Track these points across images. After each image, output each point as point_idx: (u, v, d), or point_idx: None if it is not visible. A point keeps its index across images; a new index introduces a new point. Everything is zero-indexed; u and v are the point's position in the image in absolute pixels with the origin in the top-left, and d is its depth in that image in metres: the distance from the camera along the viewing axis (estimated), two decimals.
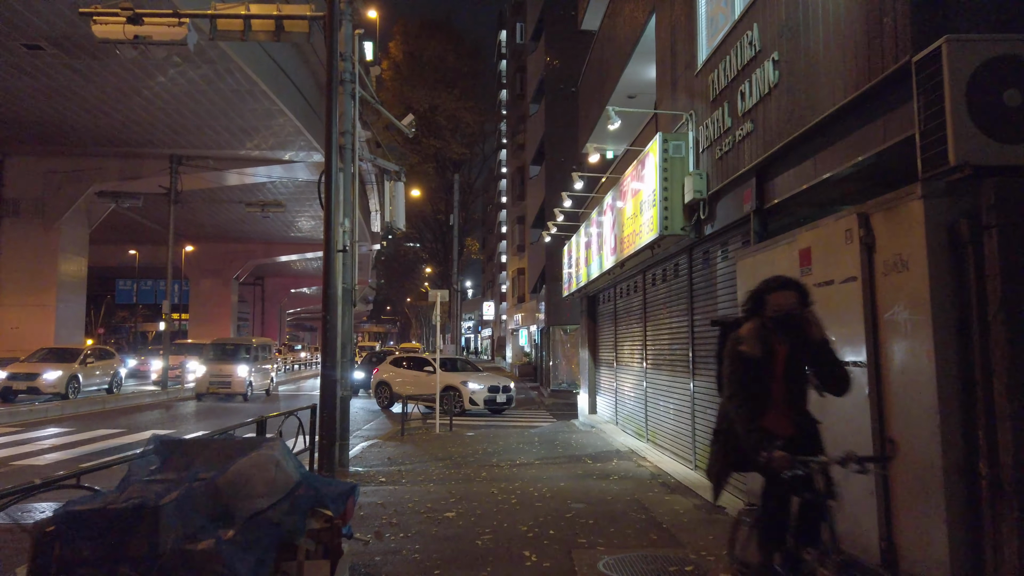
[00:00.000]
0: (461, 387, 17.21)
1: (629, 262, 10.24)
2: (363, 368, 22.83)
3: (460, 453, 11.13)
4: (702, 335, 8.46)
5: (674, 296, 9.59)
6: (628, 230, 9.63)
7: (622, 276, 11.98)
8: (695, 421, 8.63)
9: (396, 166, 10.88)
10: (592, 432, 13.25)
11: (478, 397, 17.14)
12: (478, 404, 17.10)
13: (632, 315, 12.04)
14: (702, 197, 7.71)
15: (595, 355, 15.53)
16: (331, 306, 8.72)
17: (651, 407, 10.78)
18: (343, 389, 9.45)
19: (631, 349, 12.15)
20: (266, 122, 24.90)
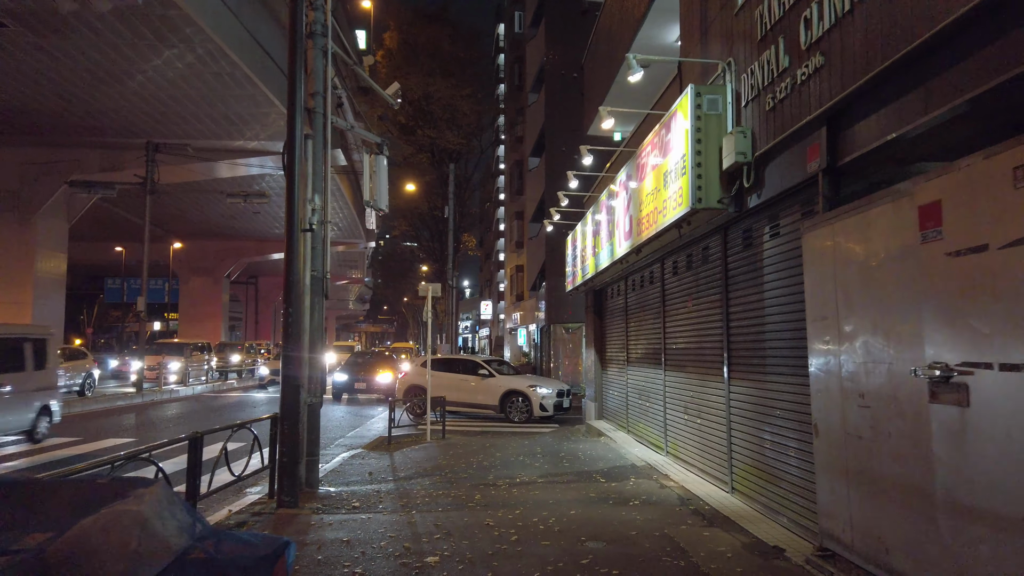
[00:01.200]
0: (530, 392, 15.20)
1: (647, 247, 8.72)
2: (347, 371, 21.23)
3: (452, 467, 9.60)
4: (742, 330, 6.94)
5: (703, 285, 8.06)
6: (647, 208, 8.10)
7: (636, 265, 10.46)
8: (732, 433, 7.11)
9: (378, 138, 9.34)
10: (601, 442, 11.72)
11: (548, 402, 15.20)
12: (548, 410, 15.19)
13: (647, 309, 10.52)
14: (746, 161, 6.19)
15: (602, 355, 14.01)
16: (294, 296, 7.18)
17: (672, 414, 9.25)
18: (311, 395, 7.91)
19: (646, 348, 10.63)
20: (252, 110, 23.34)
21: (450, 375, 16.25)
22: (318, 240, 8.14)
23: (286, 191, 7.30)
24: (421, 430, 13.54)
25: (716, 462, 7.56)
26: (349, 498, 7.54)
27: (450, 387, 15.91)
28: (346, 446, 12.72)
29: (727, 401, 7.22)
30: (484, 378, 15.93)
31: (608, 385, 13.54)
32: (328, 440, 13.47)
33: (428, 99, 25.22)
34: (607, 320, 13.62)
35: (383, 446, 12.44)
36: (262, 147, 26.61)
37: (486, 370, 16.04)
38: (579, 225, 13.48)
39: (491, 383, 15.69)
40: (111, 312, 67.67)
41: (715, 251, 7.66)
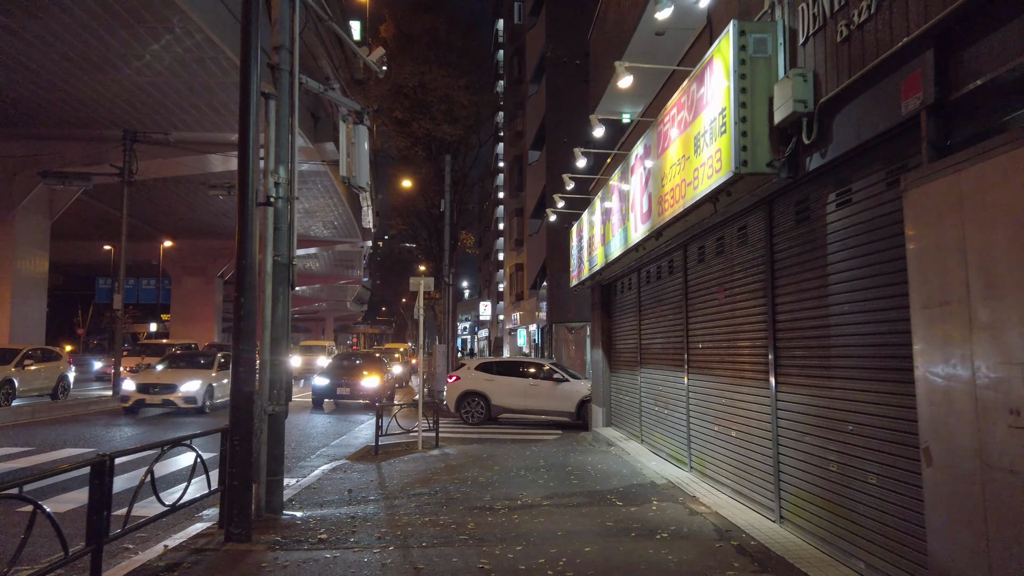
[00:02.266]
0: None
1: (670, 230, 7.40)
2: (328, 375, 18.88)
3: (444, 484, 8.28)
4: (794, 325, 5.62)
5: (740, 273, 6.75)
6: (673, 182, 6.79)
7: (654, 253, 9.14)
8: (781, 450, 5.79)
9: (357, 104, 8.02)
10: (611, 453, 10.39)
11: None
12: None
13: (666, 304, 9.20)
14: (806, 111, 4.88)
15: (610, 356, 12.68)
16: (246, 284, 5.84)
17: (698, 424, 7.93)
18: (273, 402, 6.59)
19: (663, 348, 9.31)
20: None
21: (512, 379, 14.86)
22: (283, 220, 6.83)
23: (238, 155, 5.98)
24: (413, 438, 12.22)
25: (758, 484, 6.24)
26: (317, 527, 6.21)
27: (514, 393, 14.75)
28: (329, 456, 11.40)
29: (773, 411, 5.90)
30: (558, 383, 14.60)
31: (618, 389, 12.22)
32: (310, 450, 12.15)
33: (423, 88, 23.88)
34: (616, 317, 12.30)
35: (369, 456, 11.13)
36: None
37: (560, 374, 14.74)
38: (585, 213, 12.16)
39: (566, 388, 14.47)
40: (105, 313, 66.27)
41: (757, 230, 6.34)
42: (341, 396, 18.25)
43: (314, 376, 19.25)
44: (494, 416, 15.26)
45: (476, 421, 15.10)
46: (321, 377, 18.66)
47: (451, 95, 24.30)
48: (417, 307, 12.21)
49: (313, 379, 19.05)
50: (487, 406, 15.07)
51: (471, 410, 15.16)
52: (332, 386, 18.11)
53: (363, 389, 18.08)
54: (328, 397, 18.35)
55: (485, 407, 15.09)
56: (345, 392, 18.09)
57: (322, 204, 36.51)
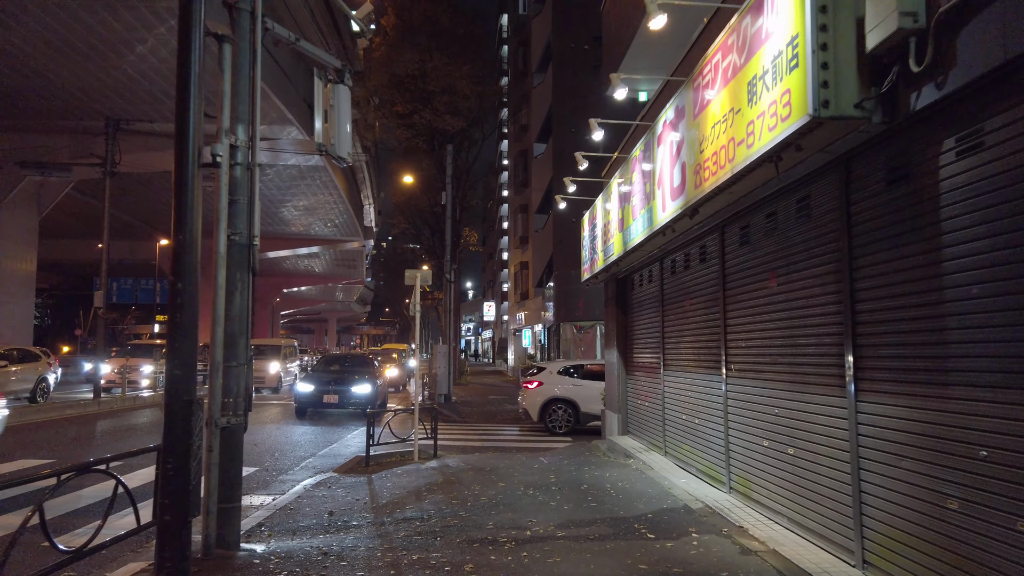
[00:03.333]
0: None
1: (709, 205, 6.12)
2: (313, 380, 16.61)
3: (440, 504, 7.04)
4: (882, 318, 4.35)
5: (800, 255, 5.46)
6: (716, 145, 5.52)
7: (683, 238, 7.86)
8: (863, 475, 4.51)
9: (337, 62, 6.77)
10: (631, 467, 9.10)
11: None
12: None
13: (697, 297, 7.92)
14: (915, 27, 3.61)
15: (626, 357, 11.40)
16: (185, 266, 4.61)
17: (739, 438, 6.65)
18: (229, 413, 5.33)
19: (694, 347, 8.03)
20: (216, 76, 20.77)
21: (603, 384, 13.35)
22: (242, 191, 5.58)
23: (176, 99, 4.74)
24: (409, 447, 10.96)
25: (829, 517, 4.95)
26: (278, 568, 4.95)
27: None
28: (315, 469, 10.16)
29: (851, 426, 4.62)
30: None
31: (635, 394, 10.93)
32: (294, 460, 10.91)
33: (425, 78, 22.65)
34: (634, 314, 11.02)
35: (359, 468, 9.90)
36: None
37: None
38: (599, 199, 10.89)
39: None
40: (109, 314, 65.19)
41: (826, 200, 5.06)
42: (328, 405, 16.32)
43: (296, 381, 17.15)
44: (583, 425, 13.99)
45: (564, 431, 13.95)
46: (305, 383, 16.55)
47: (454, 85, 23.07)
48: (412, 303, 10.97)
49: (296, 385, 16.89)
50: (575, 414, 13.92)
51: (557, 419, 13.99)
52: (317, 393, 16.12)
53: (354, 397, 16.18)
54: (313, 406, 16.40)
55: (573, 415, 13.94)
56: (333, 400, 16.16)
57: (321, 201, 35.31)
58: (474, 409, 18.92)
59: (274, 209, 36.37)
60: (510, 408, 19.14)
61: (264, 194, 33.79)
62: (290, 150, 24.71)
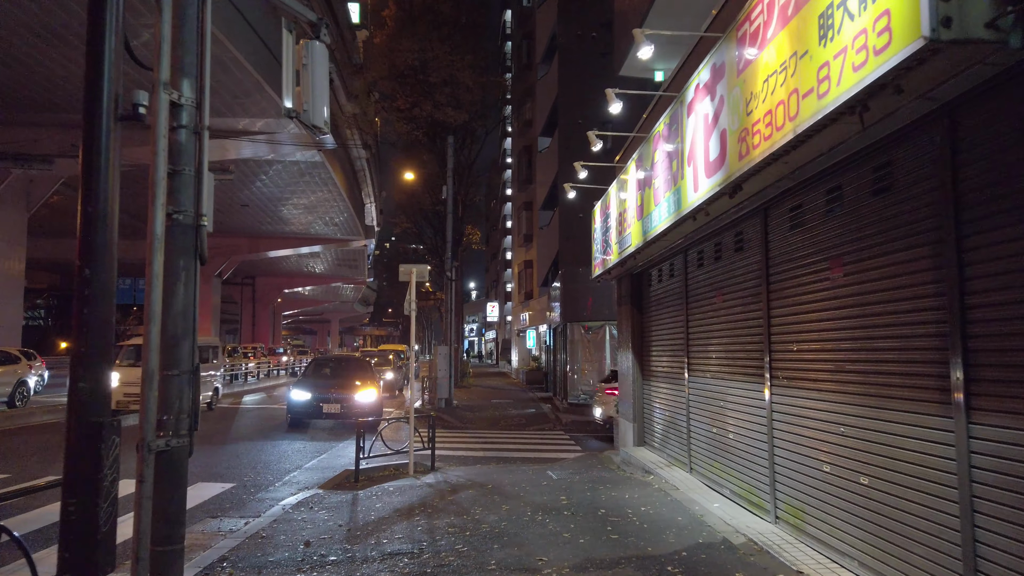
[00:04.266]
0: None
1: (756, 179, 5.04)
2: (308, 385, 14.62)
3: (434, 533, 5.98)
4: (1011, 314, 3.26)
5: (878, 236, 4.37)
6: (770, 102, 4.45)
7: (716, 224, 6.76)
8: (978, 520, 3.42)
9: (313, 14, 5.69)
10: (652, 486, 8.00)
11: None
12: None
13: (731, 292, 6.83)
14: None
15: (643, 360, 10.31)
16: (95, 246, 3.57)
17: (789, 457, 5.55)
18: (167, 434, 4.26)
19: (727, 350, 6.93)
20: (218, 77, 19.76)
21: None
22: (186, 159, 4.51)
23: (88, 27, 3.68)
24: (403, 459, 9.90)
25: (926, 569, 3.85)
26: None
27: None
28: (299, 484, 9.09)
29: (961, 454, 3.53)
30: None
31: (653, 401, 9.84)
32: (278, 474, 9.85)
33: (425, 68, 21.59)
34: (652, 313, 9.93)
35: (348, 484, 8.85)
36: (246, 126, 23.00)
37: None
38: (612, 187, 9.81)
39: None
40: None
41: (919, 165, 3.97)
42: (329, 416, 14.15)
43: (290, 389, 14.74)
44: None
45: None
46: (300, 390, 14.41)
47: (455, 76, 22.00)
48: (408, 300, 9.90)
49: (289, 393, 14.66)
50: None
51: None
52: (315, 403, 14.08)
53: (357, 406, 14.03)
54: (310, 417, 14.37)
55: None
56: (334, 410, 14.02)
57: (321, 199, 34.29)
58: (476, 414, 17.85)
59: (273, 207, 35.38)
60: (514, 413, 18.07)
61: (263, 192, 32.79)
62: (288, 143, 23.67)
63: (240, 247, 40.59)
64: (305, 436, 13.56)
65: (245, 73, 18.41)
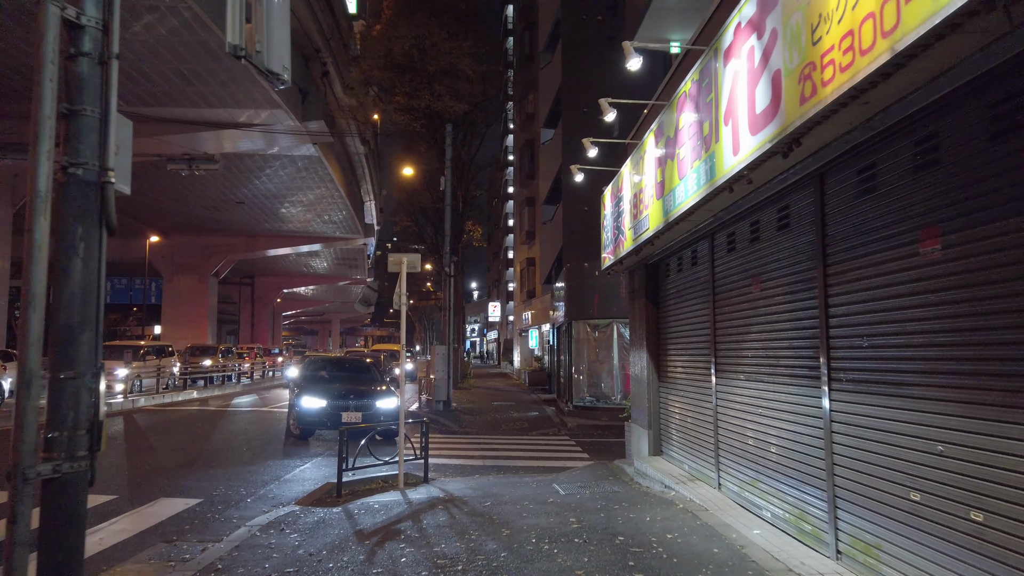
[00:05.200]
0: None
1: (820, 131, 3.94)
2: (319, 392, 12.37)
3: (418, 568, 4.88)
4: None
5: (1009, 189, 3.27)
6: (852, 19, 3.36)
7: (755, 197, 5.64)
8: None
9: None
10: (674, 504, 6.89)
11: None
12: None
13: (774, 277, 5.71)
14: None
15: (659, 359, 9.21)
16: None
17: (857, 479, 4.44)
18: (57, 455, 3.19)
19: (768, 347, 5.83)
20: (209, 65, 18.72)
21: None
22: (90, 96, 3.44)
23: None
24: (392, 470, 8.82)
25: None
26: None
27: None
28: (274, 500, 8.02)
29: None
30: None
31: (671, 406, 8.74)
32: (256, 485, 8.77)
33: (424, 55, 20.52)
34: (669, 307, 8.83)
35: (328, 500, 7.78)
36: (230, 116, 21.94)
37: None
38: (626, 166, 8.71)
39: None
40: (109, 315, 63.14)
41: None
42: (350, 424, 11.27)
43: (299, 395, 12.41)
44: None
45: None
46: (311, 396, 12.20)
47: (455, 65, 20.93)
48: (398, 293, 8.82)
49: (298, 400, 12.35)
50: None
51: None
52: (332, 411, 11.97)
53: (381, 413, 12.10)
54: (327, 427, 12.11)
55: None
56: (355, 419, 11.69)
57: (319, 196, 33.24)
58: (476, 417, 16.76)
59: (270, 204, 34.33)
60: (516, 417, 16.97)
61: (260, 189, 31.77)
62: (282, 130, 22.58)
63: (237, 245, 39.58)
64: (291, 443, 12.48)
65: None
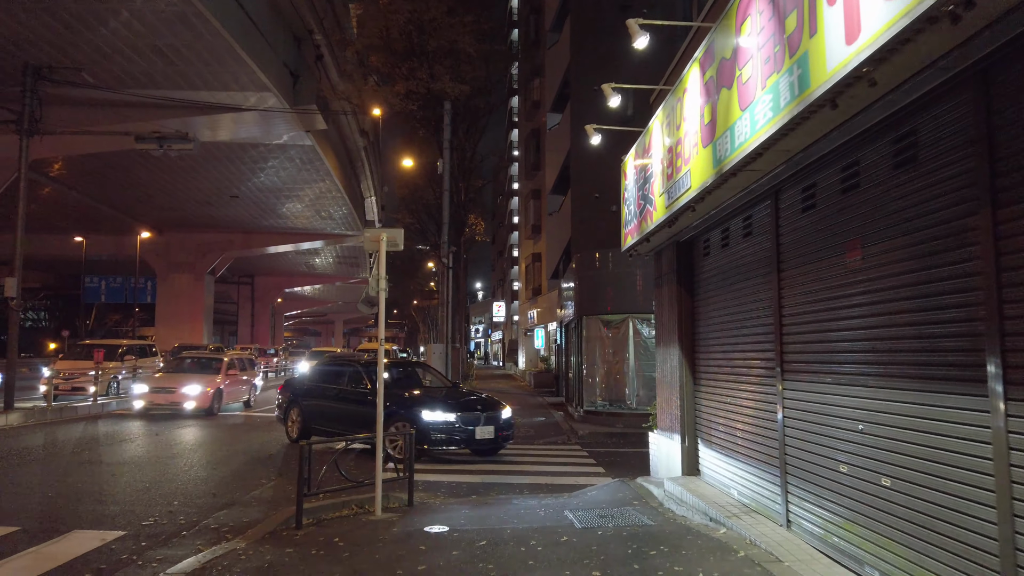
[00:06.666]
0: None
1: None
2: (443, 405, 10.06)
3: None
4: None
5: None
6: None
7: (865, 119, 3.88)
8: None
9: None
10: (730, 549, 5.12)
11: None
12: None
13: (892, 237, 3.94)
14: None
15: (695, 358, 7.47)
16: None
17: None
18: None
19: (880, 337, 4.06)
20: (190, 42, 17.06)
21: None
22: None
23: None
24: (369, 492, 7.10)
25: None
26: None
27: None
28: (219, 531, 6.32)
29: None
30: None
31: (712, 413, 6.99)
32: (202, 511, 7.05)
33: (422, 31, 18.86)
34: (709, 293, 7.09)
35: (285, 533, 6.09)
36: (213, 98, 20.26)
37: None
38: (656, 117, 6.96)
39: None
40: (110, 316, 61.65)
41: None
42: (483, 443, 9.91)
43: (419, 410, 9.79)
44: None
45: None
46: (440, 411, 9.74)
47: (455, 42, 19.26)
48: (375, 276, 7.11)
49: (419, 414, 9.71)
50: None
51: None
52: (465, 424, 9.77)
53: (505, 424, 10.33)
54: (459, 444, 9.81)
55: None
56: (487, 435, 9.88)
57: (316, 191, 31.59)
58: None
59: (266, 199, 32.71)
60: (521, 423, 15.22)
61: (256, 183, 30.18)
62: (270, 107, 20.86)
63: (234, 242, 37.98)
64: (268, 455, 10.78)
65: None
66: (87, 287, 41.47)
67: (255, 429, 13.91)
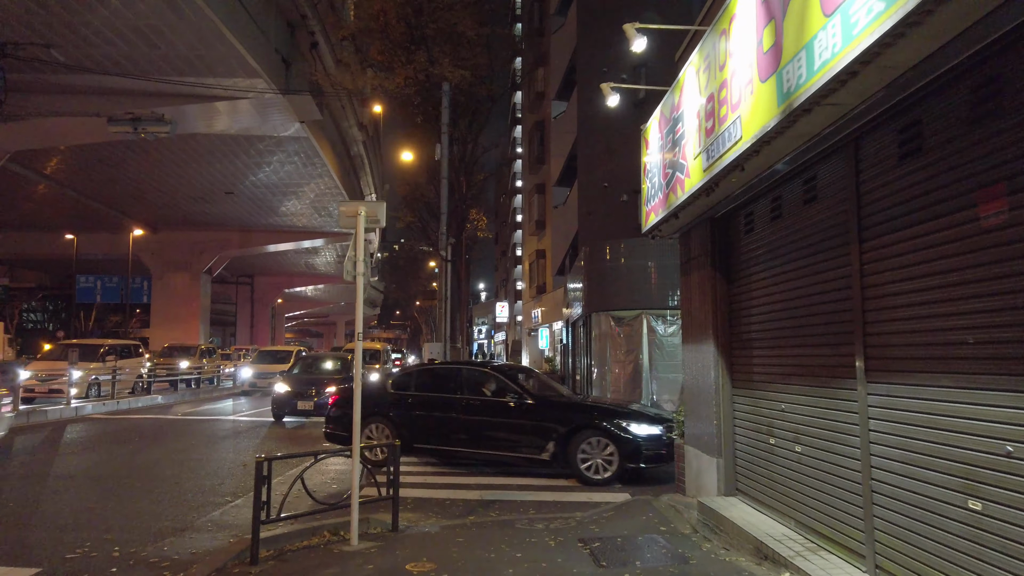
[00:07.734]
0: None
1: None
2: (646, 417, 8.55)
3: None
4: None
5: None
6: None
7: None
8: None
9: None
10: None
11: None
12: None
13: None
14: None
15: (734, 357, 6.24)
16: None
17: None
18: None
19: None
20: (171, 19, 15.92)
21: None
22: None
23: None
24: (344, 515, 5.87)
25: None
26: None
27: None
28: (162, 564, 5.11)
29: None
30: None
31: (758, 422, 5.76)
32: (147, 537, 5.80)
33: (419, 13, 17.69)
34: (752, 276, 5.85)
35: (238, 568, 4.89)
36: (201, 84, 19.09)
37: None
38: (692, 60, 5.71)
39: None
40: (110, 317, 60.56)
41: None
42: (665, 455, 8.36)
43: (624, 415, 8.45)
44: None
45: None
46: (640, 419, 8.40)
47: (455, 25, 18.10)
48: (350, 258, 5.90)
49: (629, 424, 8.29)
50: None
51: None
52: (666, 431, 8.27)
53: None
54: (664, 460, 8.26)
55: None
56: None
57: (316, 189, 30.43)
58: None
59: (262, 195, 31.56)
60: None
61: (252, 180, 29.04)
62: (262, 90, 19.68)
63: (231, 241, 36.85)
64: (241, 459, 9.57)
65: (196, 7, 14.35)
66: (81, 287, 40.35)
67: (239, 435, 12.72)
